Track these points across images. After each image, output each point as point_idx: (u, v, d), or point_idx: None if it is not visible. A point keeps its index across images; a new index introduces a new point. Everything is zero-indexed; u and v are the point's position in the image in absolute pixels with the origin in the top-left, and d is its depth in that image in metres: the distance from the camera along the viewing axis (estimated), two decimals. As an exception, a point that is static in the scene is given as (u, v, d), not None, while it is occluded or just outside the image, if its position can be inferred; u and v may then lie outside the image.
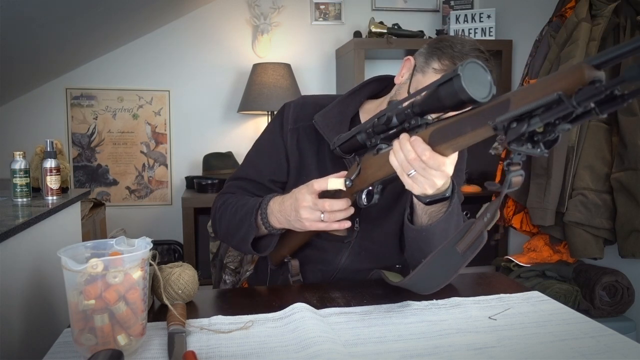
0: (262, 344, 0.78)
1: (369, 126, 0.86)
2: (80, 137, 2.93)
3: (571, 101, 0.54)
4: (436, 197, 0.85)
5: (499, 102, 0.64)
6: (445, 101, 0.71)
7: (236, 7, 3.00)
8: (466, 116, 0.70)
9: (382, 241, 1.11)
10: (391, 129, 0.83)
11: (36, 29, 2.03)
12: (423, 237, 0.95)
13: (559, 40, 2.08)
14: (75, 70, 2.89)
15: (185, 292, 0.92)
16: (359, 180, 0.90)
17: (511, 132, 0.61)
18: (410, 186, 0.81)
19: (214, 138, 3.03)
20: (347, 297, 0.98)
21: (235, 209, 1.06)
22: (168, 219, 3.01)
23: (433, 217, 0.94)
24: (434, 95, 0.73)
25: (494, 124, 0.63)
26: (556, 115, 0.56)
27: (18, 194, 1.54)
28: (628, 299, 2.00)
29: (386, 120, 0.82)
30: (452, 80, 0.69)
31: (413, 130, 0.79)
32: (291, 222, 0.94)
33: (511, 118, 0.61)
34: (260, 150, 1.15)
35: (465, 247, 0.73)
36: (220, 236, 1.14)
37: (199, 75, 3.00)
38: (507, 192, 0.64)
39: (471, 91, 0.67)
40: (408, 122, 0.79)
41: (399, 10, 3.16)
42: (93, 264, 0.70)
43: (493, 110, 0.65)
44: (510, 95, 0.63)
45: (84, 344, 0.72)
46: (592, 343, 0.78)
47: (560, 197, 2.01)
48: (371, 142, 0.87)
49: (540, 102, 0.57)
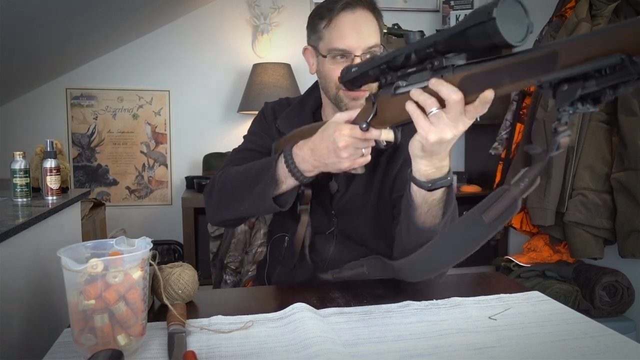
0: (262, 344, 0.78)
1: (383, 62, 0.77)
2: (80, 137, 2.93)
3: (637, 67, 0.47)
4: (439, 183, 0.79)
5: (545, 54, 0.56)
6: (475, 43, 0.63)
7: (236, 7, 3.00)
8: (504, 65, 0.61)
9: (362, 229, 1.11)
10: (410, 67, 0.74)
11: (36, 29, 2.03)
12: (428, 238, 0.86)
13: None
14: (75, 70, 2.89)
15: (185, 292, 0.92)
16: (376, 121, 0.82)
17: (561, 96, 0.54)
18: (427, 130, 0.71)
19: (214, 138, 3.03)
20: (347, 297, 0.98)
21: (246, 169, 1.02)
22: (168, 219, 3.01)
23: (433, 209, 0.85)
24: (461, 36, 0.63)
25: (540, 83, 0.55)
26: (617, 80, 0.50)
27: (18, 194, 1.54)
28: (628, 299, 2.00)
29: (404, 58, 0.73)
30: (484, 24, 0.60)
31: (437, 72, 0.70)
32: (328, 165, 0.90)
33: (561, 78, 0.54)
34: (254, 132, 1.18)
35: (495, 217, 0.64)
36: (223, 204, 1.05)
37: (199, 75, 3.00)
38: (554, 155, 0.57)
39: (507, 34, 0.59)
40: (430, 62, 0.70)
41: (399, 10, 3.16)
42: (93, 264, 0.70)
43: (537, 64, 0.57)
44: (558, 47, 0.55)
45: (84, 344, 0.72)
46: (592, 343, 0.78)
47: (560, 197, 2.01)
48: (386, 80, 0.79)
49: (597, 63, 0.50)
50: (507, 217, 0.64)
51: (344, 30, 1.01)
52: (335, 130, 0.86)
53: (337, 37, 1.01)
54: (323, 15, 1.03)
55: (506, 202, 0.63)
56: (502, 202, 0.63)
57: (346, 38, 1.00)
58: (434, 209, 0.85)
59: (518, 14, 0.60)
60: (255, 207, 1.01)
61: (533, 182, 0.60)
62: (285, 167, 0.93)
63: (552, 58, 0.55)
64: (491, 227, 0.65)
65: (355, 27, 1.01)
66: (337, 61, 1.02)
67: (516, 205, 0.63)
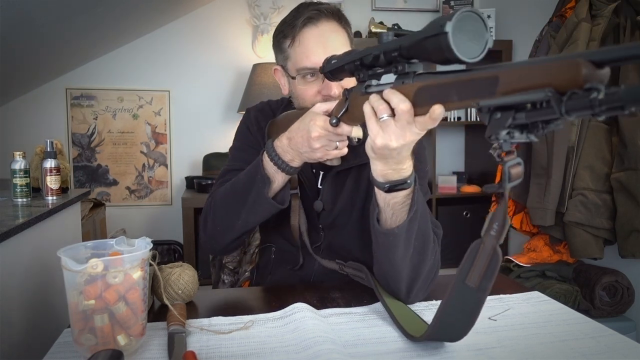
0: (262, 344, 0.78)
1: (357, 59, 0.77)
2: (80, 137, 2.93)
3: (560, 107, 0.47)
4: (396, 184, 0.78)
5: (487, 77, 0.56)
6: (432, 55, 0.62)
7: (236, 7, 3.00)
8: (453, 81, 0.61)
9: (348, 242, 1.09)
10: (378, 67, 0.74)
11: (36, 29, 2.03)
12: (390, 243, 0.85)
13: (559, 41, 2.08)
14: (75, 70, 2.90)
15: (185, 292, 0.92)
16: (347, 117, 0.82)
17: (493, 124, 0.53)
18: (375, 134, 0.72)
19: (214, 138, 3.03)
20: (347, 297, 0.98)
21: (232, 184, 1.00)
22: (168, 219, 3.01)
23: (397, 213, 0.84)
24: (421, 45, 0.63)
25: (479, 106, 0.55)
26: (543, 117, 0.50)
27: (18, 194, 1.54)
28: (628, 299, 2.00)
29: (373, 58, 0.73)
30: (438, 36, 0.58)
31: (400, 77, 0.70)
32: (302, 154, 0.90)
33: (495, 105, 0.54)
34: (238, 147, 1.15)
35: (479, 278, 0.62)
36: (220, 227, 1.02)
37: (199, 75, 3.00)
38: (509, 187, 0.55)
39: (459, 50, 0.58)
40: (395, 66, 0.70)
41: (399, 11, 3.16)
42: (93, 264, 0.70)
43: (481, 85, 0.56)
44: (499, 72, 0.55)
45: (84, 344, 0.72)
46: (592, 343, 0.78)
47: (560, 197, 2.01)
48: (359, 76, 0.78)
49: (527, 96, 0.50)
50: (494, 271, 0.62)
51: (309, 48, 0.96)
52: (310, 120, 0.86)
53: (303, 55, 0.96)
54: (286, 34, 0.99)
55: (486, 256, 0.61)
56: (482, 257, 0.61)
57: (312, 55, 0.95)
58: (399, 213, 0.83)
59: (476, 29, 0.59)
60: (253, 215, 0.98)
61: (504, 224, 0.59)
62: (270, 161, 0.93)
63: (494, 82, 0.55)
64: (481, 289, 0.63)
65: (320, 42, 0.96)
66: (308, 80, 0.98)
67: (497, 254, 0.61)
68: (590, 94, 0.45)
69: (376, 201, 0.85)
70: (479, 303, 0.66)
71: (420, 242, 0.87)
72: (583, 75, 0.46)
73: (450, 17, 0.57)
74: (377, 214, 0.86)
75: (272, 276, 1.15)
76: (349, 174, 1.08)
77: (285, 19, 1.01)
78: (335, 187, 1.08)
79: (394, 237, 0.84)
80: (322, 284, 1.08)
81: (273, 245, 1.15)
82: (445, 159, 3.23)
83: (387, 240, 0.85)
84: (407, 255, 0.86)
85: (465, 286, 0.64)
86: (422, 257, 0.89)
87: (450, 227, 2.57)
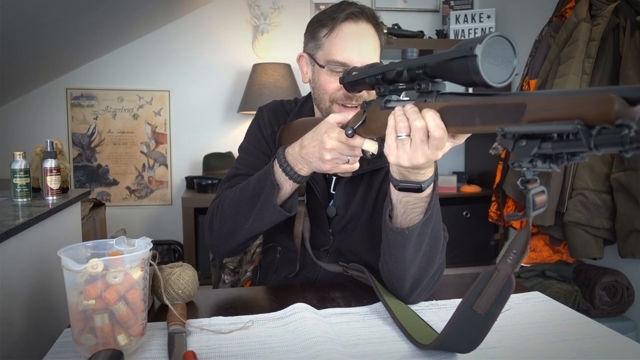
0: (262, 344, 0.78)
1: (379, 72, 0.78)
2: (80, 137, 2.93)
3: (590, 141, 0.46)
4: (409, 185, 0.78)
5: (514, 103, 0.55)
6: (457, 75, 0.62)
7: (236, 7, 3.00)
8: (478, 104, 0.60)
9: (356, 246, 1.10)
10: (400, 83, 0.75)
11: (36, 29, 2.03)
12: (399, 242, 0.85)
13: (559, 41, 2.08)
14: (75, 70, 2.89)
15: (185, 292, 0.92)
16: (363, 129, 0.82)
17: (518, 151, 0.53)
18: (391, 150, 0.72)
19: (214, 138, 3.03)
20: (347, 297, 0.98)
21: (241, 188, 0.99)
22: (168, 219, 3.01)
23: (408, 212, 0.84)
24: (447, 65, 0.63)
25: (504, 132, 0.55)
26: (570, 149, 0.49)
27: (18, 194, 1.54)
28: (628, 299, 2.00)
29: (396, 74, 0.74)
30: (466, 59, 0.59)
31: (422, 95, 0.70)
32: (312, 164, 0.89)
33: (522, 133, 0.53)
34: (248, 150, 1.14)
35: (488, 304, 0.61)
36: (227, 230, 1.01)
37: (199, 75, 3.00)
38: (533, 215, 0.54)
39: (487, 74, 0.58)
40: (419, 83, 0.71)
41: (399, 11, 3.16)
42: (93, 264, 0.70)
43: (507, 111, 0.56)
44: (527, 99, 0.54)
45: (84, 344, 0.72)
46: (592, 343, 0.78)
47: (560, 197, 2.01)
48: (380, 90, 0.79)
49: (555, 127, 0.49)
50: (505, 298, 0.61)
51: (345, 42, 0.97)
52: (325, 131, 0.86)
53: (338, 48, 0.97)
54: (325, 23, 0.99)
55: (499, 283, 0.60)
56: (494, 284, 0.61)
57: (347, 50, 0.97)
58: (410, 213, 0.84)
59: (505, 54, 0.59)
60: (260, 221, 0.97)
61: (524, 252, 0.58)
62: (280, 169, 0.92)
63: (521, 109, 0.54)
64: (489, 315, 0.62)
65: (357, 40, 0.97)
66: (335, 73, 0.98)
67: (511, 282, 0.60)
68: (621, 131, 0.44)
69: (390, 196, 0.85)
70: (487, 327, 0.66)
71: (431, 245, 0.88)
72: (615, 111, 0.45)
73: (480, 40, 0.58)
74: (390, 210, 0.86)
75: (277, 276, 1.15)
76: (362, 179, 1.08)
77: (325, 11, 1.02)
78: (348, 193, 1.08)
79: (404, 237, 0.84)
80: (322, 284, 1.08)
81: (278, 245, 1.15)
82: (445, 158, 3.23)
83: (396, 238, 0.85)
84: (416, 256, 0.87)
85: (473, 312, 0.64)
86: (430, 261, 0.89)
87: (450, 227, 2.56)
